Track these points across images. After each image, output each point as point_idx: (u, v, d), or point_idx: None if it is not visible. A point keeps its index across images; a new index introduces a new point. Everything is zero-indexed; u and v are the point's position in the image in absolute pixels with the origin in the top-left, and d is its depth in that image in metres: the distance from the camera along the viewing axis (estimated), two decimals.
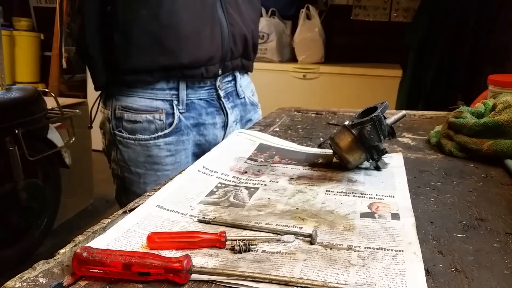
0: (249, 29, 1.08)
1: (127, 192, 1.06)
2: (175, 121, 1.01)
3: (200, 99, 1.05)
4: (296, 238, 0.50)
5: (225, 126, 1.09)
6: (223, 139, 1.07)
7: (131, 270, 0.41)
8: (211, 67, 1.02)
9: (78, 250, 0.42)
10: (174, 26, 0.95)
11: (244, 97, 1.16)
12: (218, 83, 1.07)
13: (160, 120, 1.00)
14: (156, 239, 0.48)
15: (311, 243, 0.49)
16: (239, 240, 0.48)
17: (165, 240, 0.49)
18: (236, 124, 1.13)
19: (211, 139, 1.07)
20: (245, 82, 1.17)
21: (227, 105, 1.09)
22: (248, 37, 1.08)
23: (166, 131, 1.00)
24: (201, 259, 0.46)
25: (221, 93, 1.08)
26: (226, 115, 1.08)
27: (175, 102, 1.01)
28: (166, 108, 1.00)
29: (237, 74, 1.13)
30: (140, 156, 1.01)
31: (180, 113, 1.02)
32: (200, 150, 1.06)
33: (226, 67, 1.07)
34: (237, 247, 0.47)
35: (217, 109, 1.08)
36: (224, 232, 0.49)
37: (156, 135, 1.00)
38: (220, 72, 1.05)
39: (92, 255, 0.42)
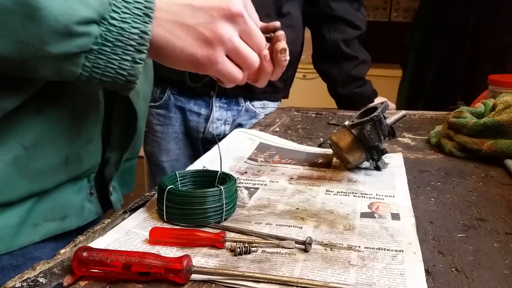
0: None
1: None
2: (165, 97, 1.19)
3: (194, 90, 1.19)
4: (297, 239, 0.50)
5: (207, 119, 1.20)
6: (204, 131, 1.21)
7: (131, 270, 0.41)
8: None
9: (78, 250, 0.42)
10: None
11: (243, 106, 1.19)
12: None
13: (155, 93, 1.19)
14: (158, 234, 0.49)
15: (305, 251, 0.47)
16: (239, 242, 0.48)
17: (166, 235, 0.49)
18: (223, 124, 1.21)
19: (193, 125, 1.21)
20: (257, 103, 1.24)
21: (216, 103, 1.18)
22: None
23: (157, 103, 1.20)
24: (201, 259, 0.46)
25: (212, 93, 1.18)
26: (211, 110, 1.19)
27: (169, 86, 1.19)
28: (162, 85, 1.18)
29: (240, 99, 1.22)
30: None
31: (172, 93, 1.18)
32: (187, 132, 1.23)
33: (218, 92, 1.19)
34: (238, 249, 0.47)
35: (206, 103, 1.19)
36: (223, 232, 0.49)
37: (151, 104, 1.18)
38: (212, 93, 1.19)
39: (92, 255, 0.42)
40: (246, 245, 0.47)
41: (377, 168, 0.73)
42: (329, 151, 0.80)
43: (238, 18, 0.46)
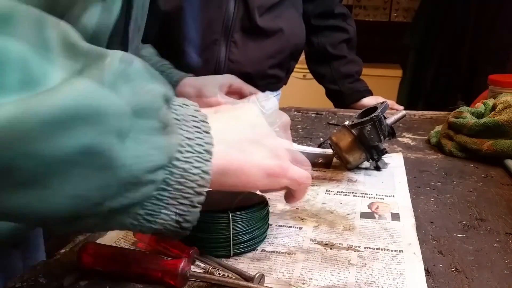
0: (255, 67, 1.17)
1: None
2: None
3: None
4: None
5: None
6: None
7: (130, 271, 0.41)
8: None
9: (83, 246, 0.42)
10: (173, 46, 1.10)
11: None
12: None
13: None
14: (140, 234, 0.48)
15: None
16: (214, 268, 0.44)
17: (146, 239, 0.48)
18: None
19: None
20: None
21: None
22: (253, 74, 1.16)
23: None
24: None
25: None
26: None
27: None
28: None
29: None
30: None
31: None
32: None
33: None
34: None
35: None
36: (194, 249, 0.46)
37: None
38: None
39: (95, 253, 0.42)
40: (219, 272, 0.43)
41: (377, 168, 0.73)
42: (329, 151, 0.80)
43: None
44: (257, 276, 0.42)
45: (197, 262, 0.45)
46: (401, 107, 1.33)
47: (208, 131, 0.38)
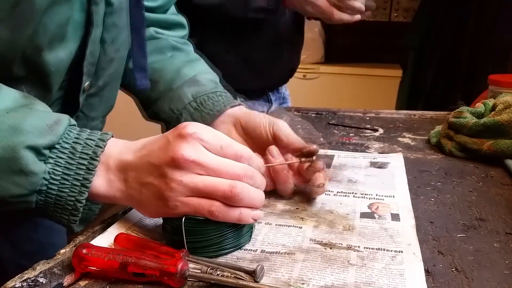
0: None
1: None
2: None
3: None
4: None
5: None
6: None
7: (127, 270, 0.41)
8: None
9: (78, 247, 0.42)
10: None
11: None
12: None
13: None
14: (122, 241, 0.48)
15: (255, 281, 0.42)
16: (210, 268, 0.43)
17: (129, 243, 0.48)
18: None
19: None
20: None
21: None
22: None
23: None
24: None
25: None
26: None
27: None
28: None
29: None
30: None
31: None
32: None
33: None
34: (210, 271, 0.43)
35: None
36: (184, 251, 0.45)
37: None
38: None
39: (91, 252, 0.42)
40: (218, 272, 0.42)
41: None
42: (329, 151, 0.80)
43: (185, 164, 0.44)
44: (258, 268, 0.42)
45: (191, 264, 0.45)
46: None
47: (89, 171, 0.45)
